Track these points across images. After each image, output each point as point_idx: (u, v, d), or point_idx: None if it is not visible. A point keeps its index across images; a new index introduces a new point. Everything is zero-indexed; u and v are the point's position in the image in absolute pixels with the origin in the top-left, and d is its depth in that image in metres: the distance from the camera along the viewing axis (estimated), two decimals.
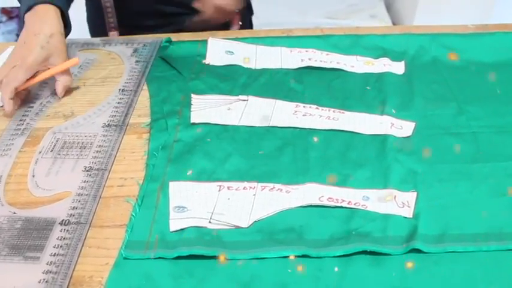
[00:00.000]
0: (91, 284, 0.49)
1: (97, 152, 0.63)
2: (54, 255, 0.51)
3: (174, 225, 0.54)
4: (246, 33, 0.87)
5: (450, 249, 0.51)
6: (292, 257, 0.50)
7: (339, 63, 0.77)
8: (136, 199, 0.57)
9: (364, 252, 0.51)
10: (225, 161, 0.61)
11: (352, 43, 0.82)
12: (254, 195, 0.57)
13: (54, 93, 0.73)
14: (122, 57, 0.80)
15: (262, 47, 0.81)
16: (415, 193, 0.57)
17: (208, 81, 0.74)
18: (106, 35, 0.92)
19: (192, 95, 0.71)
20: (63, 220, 0.54)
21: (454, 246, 0.51)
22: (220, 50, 0.81)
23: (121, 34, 0.91)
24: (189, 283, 0.49)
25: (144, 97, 0.73)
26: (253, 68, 0.77)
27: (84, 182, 0.59)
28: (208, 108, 0.69)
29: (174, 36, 0.84)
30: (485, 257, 0.51)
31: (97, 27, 0.96)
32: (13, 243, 0.52)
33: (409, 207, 0.55)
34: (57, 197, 0.58)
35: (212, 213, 0.54)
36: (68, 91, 0.73)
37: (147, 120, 0.68)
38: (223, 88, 0.73)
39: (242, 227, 0.53)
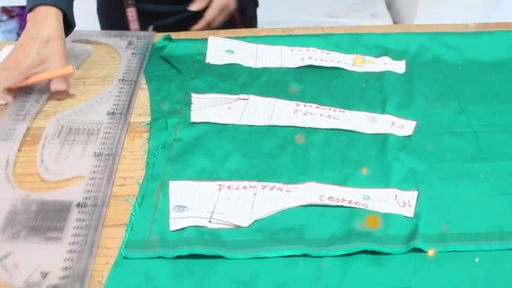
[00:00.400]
0: (91, 284, 0.49)
1: (104, 138, 0.64)
2: (75, 235, 0.52)
3: (174, 224, 0.53)
4: (246, 32, 0.87)
5: (451, 249, 0.51)
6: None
7: (339, 62, 0.77)
8: (136, 198, 0.57)
9: (365, 251, 0.50)
10: (225, 160, 0.61)
11: (352, 42, 0.82)
12: (254, 194, 0.56)
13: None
14: (117, 49, 0.81)
15: (263, 46, 0.81)
16: (416, 192, 0.57)
17: (209, 80, 0.74)
18: (123, 21, 0.92)
19: (192, 94, 0.71)
20: (79, 203, 0.56)
21: (455, 246, 0.51)
22: (221, 49, 0.80)
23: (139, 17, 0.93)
24: (189, 282, 0.48)
25: (144, 96, 0.72)
26: (253, 67, 0.77)
27: (96, 166, 0.60)
28: (208, 107, 0.69)
29: (174, 35, 0.84)
30: (487, 257, 0.51)
31: (110, 12, 0.96)
32: (31, 225, 0.53)
33: (410, 206, 0.55)
34: (70, 181, 0.59)
35: (212, 213, 0.54)
36: (68, 91, 0.73)
37: (147, 119, 0.68)
38: (224, 87, 0.73)
39: (242, 227, 0.53)
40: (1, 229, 0.53)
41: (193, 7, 0.88)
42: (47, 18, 0.68)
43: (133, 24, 0.93)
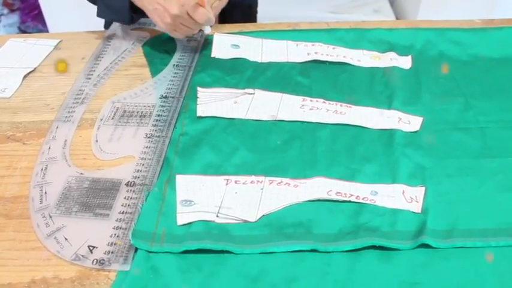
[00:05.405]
0: (98, 278, 0.49)
1: (156, 120, 0.66)
2: (122, 213, 0.54)
3: (182, 219, 0.53)
4: (251, 27, 0.87)
5: (459, 245, 0.51)
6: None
7: (345, 57, 0.77)
8: (145, 190, 0.56)
9: (373, 247, 0.50)
10: (232, 155, 0.61)
11: (358, 37, 0.82)
12: (262, 189, 0.56)
13: (110, 69, 0.76)
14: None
15: (268, 40, 0.81)
16: (424, 188, 0.56)
17: (214, 74, 0.74)
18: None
19: (198, 88, 0.71)
20: (128, 182, 0.58)
21: (463, 242, 0.51)
22: (226, 44, 0.80)
23: None
24: (197, 277, 0.48)
25: None
26: (259, 61, 0.77)
27: (146, 147, 0.62)
28: (214, 102, 0.69)
29: None
30: (494, 253, 0.50)
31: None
32: (83, 201, 0.56)
33: (417, 202, 0.55)
34: (121, 160, 0.61)
35: (220, 207, 0.54)
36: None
37: None
38: (230, 81, 0.73)
39: (250, 221, 0.53)
40: (56, 204, 0.55)
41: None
42: None
43: None
